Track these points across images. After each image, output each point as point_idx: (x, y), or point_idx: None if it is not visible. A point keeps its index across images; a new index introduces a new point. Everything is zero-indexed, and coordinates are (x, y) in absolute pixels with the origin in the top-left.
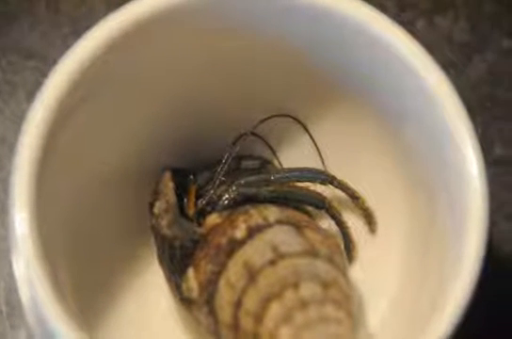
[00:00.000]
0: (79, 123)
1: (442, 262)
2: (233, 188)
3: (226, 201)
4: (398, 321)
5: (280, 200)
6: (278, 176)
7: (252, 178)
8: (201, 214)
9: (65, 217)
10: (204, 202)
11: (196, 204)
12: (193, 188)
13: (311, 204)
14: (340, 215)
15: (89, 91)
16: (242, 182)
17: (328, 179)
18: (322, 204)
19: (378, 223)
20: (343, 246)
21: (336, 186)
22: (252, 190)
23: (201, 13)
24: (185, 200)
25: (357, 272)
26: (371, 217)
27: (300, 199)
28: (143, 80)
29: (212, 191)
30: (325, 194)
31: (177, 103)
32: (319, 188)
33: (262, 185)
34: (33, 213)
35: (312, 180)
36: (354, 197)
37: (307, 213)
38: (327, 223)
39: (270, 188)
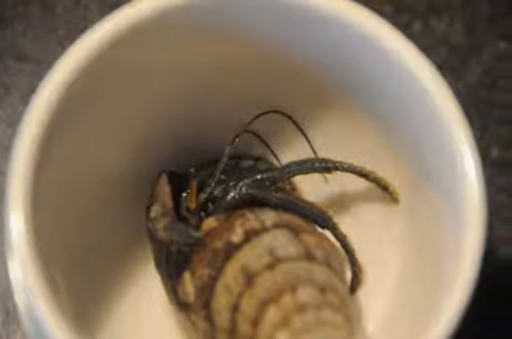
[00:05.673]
0: (75, 127)
1: (440, 264)
2: (242, 188)
3: (232, 200)
4: (396, 325)
5: (285, 208)
6: (282, 172)
7: (258, 177)
8: (203, 209)
9: (61, 219)
10: (206, 196)
11: (197, 198)
12: (194, 182)
13: (314, 222)
14: (345, 237)
15: (85, 94)
16: (249, 182)
17: (332, 166)
18: (326, 224)
19: (374, 230)
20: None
21: (342, 170)
22: (262, 193)
23: (199, 15)
24: (185, 194)
25: None
26: (386, 186)
27: (305, 213)
28: (138, 83)
29: (213, 184)
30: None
31: (175, 105)
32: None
33: (269, 186)
34: (28, 215)
35: (316, 169)
36: (363, 174)
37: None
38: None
39: (279, 195)
